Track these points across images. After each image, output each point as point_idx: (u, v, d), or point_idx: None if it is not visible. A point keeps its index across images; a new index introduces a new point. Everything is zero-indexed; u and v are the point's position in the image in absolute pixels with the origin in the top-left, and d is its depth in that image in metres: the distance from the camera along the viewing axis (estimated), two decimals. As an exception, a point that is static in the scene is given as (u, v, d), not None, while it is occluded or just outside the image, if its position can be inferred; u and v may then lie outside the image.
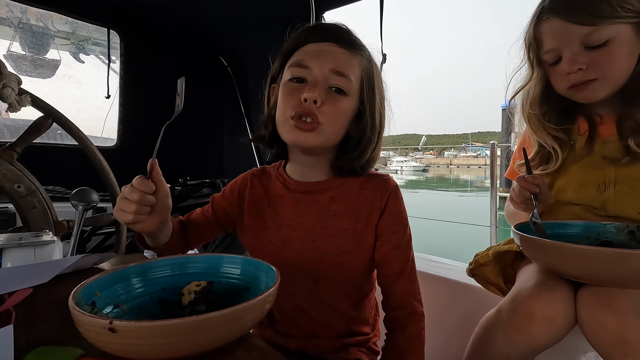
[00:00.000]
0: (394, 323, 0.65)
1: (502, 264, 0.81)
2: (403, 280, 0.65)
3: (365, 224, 0.65)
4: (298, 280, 0.66)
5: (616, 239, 0.67)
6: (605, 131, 0.74)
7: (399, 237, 0.66)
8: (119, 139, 1.99)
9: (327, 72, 0.61)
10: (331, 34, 0.63)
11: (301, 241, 0.66)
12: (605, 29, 0.64)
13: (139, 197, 0.52)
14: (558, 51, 0.69)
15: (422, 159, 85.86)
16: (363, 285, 0.69)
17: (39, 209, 0.88)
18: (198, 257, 0.52)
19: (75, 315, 0.34)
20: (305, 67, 0.62)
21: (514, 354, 0.61)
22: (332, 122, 0.61)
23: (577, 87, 0.70)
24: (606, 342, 0.52)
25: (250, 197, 0.72)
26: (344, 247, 0.64)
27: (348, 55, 0.63)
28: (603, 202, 0.72)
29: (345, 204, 0.66)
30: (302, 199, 0.68)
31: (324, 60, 0.61)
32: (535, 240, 0.59)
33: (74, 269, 0.59)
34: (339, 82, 0.61)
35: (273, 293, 0.40)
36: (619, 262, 0.50)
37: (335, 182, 0.68)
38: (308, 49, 0.63)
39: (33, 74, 2.10)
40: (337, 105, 0.61)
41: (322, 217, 0.66)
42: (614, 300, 0.53)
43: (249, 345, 0.38)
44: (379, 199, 0.65)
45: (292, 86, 0.62)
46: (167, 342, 0.32)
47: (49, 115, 0.92)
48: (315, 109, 0.60)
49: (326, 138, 0.62)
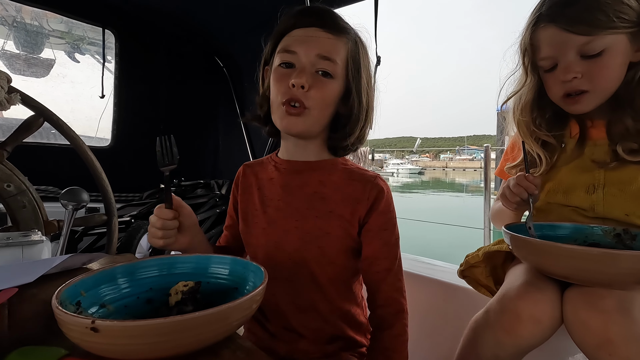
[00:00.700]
0: (380, 321, 0.65)
1: (493, 265, 0.81)
2: (391, 278, 0.66)
3: (351, 211, 0.66)
4: (281, 262, 0.67)
5: (603, 241, 0.68)
6: (596, 135, 0.75)
7: (388, 234, 0.66)
8: (113, 139, 1.98)
9: (313, 57, 0.63)
10: (317, 19, 0.65)
11: (286, 221, 0.67)
12: (601, 39, 0.64)
13: (161, 224, 0.60)
14: (554, 59, 0.70)
15: (418, 161, 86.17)
16: (346, 272, 0.69)
17: (28, 209, 0.88)
18: (187, 257, 0.51)
19: (57, 314, 0.33)
20: (293, 52, 0.64)
21: (502, 354, 0.62)
22: (318, 105, 0.64)
23: (569, 99, 0.71)
24: (591, 342, 0.53)
25: (243, 185, 0.75)
26: (327, 228, 0.65)
27: (333, 39, 0.65)
28: (592, 204, 0.73)
29: (334, 188, 0.67)
30: (291, 180, 0.70)
31: (310, 45, 0.64)
32: (525, 240, 0.60)
33: (62, 268, 0.58)
34: (325, 65, 0.64)
35: (260, 293, 0.39)
36: (605, 262, 0.51)
37: (325, 164, 0.70)
38: (295, 35, 0.65)
39: (27, 72, 2.09)
40: (324, 88, 0.64)
41: (309, 199, 0.67)
42: (599, 300, 0.54)
43: (235, 346, 0.38)
44: (368, 192, 0.66)
45: (282, 72, 0.65)
46: (151, 342, 0.32)
47: (40, 114, 0.91)
48: (302, 94, 0.63)
49: (313, 122, 0.65)
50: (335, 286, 0.68)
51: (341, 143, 0.69)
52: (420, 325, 1.00)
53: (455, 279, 0.91)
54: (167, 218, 0.60)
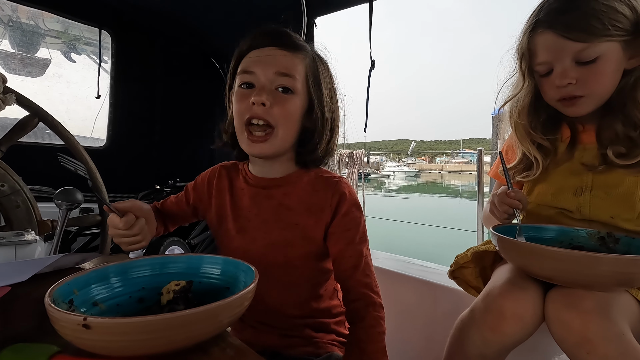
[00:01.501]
0: (353, 315, 0.68)
1: (482, 266, 0.83)
2: (358, 274, 0.68)
3: (315, 220, 0.69)
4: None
5: (587, 244, 0.69)
6: (586, 139, 0.77)
7: (351, 234, 0.69)
8: (109, 139, 1.98)
9: (271, 75, 0.65)
10: (272, 39, 0.67)
11: (254, 231, 0.71)
12: (596, 46, 0.66)
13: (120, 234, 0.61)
14: (550, 64, 0.71)
15: (414, 164, 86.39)
16: (311, 275, 0.73)
17: (22, 209, 0.88)
18: (179, 257, 0.52)
19: (50, 311, 0.34)
20: (251, 72, 0.66)
21: (487, 351, 0.63)
22: (283, 122, 0.65)
23: (566, 101, 0.73)
24: (570, 341, 0.55)
25: (217, 186, 0.77)
26: (291, 238, 0.69)
27: (290, 56, 0.66)
28: (578, 206, 0.75)
29: (298, 200, 0.70)
30: (259, 192, 0.73)
31: (267, 64, 0.65)
32: (511, 241, 0.61)
33: (55, 268, 0.59)
34: (284, 82, 0.65)
35: (250, 291, 0.40)
36: (586, 264, 0.52)
37: (290, 179, 0.72)
38: (252, 55, 0.67)
39: (22, 72, 2.08)
40: (285, 104, 0.65)
41: (275, 210, 0.70)
42: (579, 301, 0.56)
43: (225, 344, 0.39)
44: (330, 199, 0.69)
45: (242, 92, 0.66)
46: (142, 339, 0.33)
47: (35, 114, 0.91)
48: (265, 112, 0.64)
49: (281, 142, 0.67)
50: (303, 287, 0.73)
51: (310, 157, 0.71)
52: (411, 326, 1.01)
53: (446, 280, 0.92)
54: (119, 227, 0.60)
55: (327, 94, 0.71)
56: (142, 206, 0.65)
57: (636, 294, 0.63)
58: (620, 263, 0.52)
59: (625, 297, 0.62)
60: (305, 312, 0.73)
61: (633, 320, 0.59)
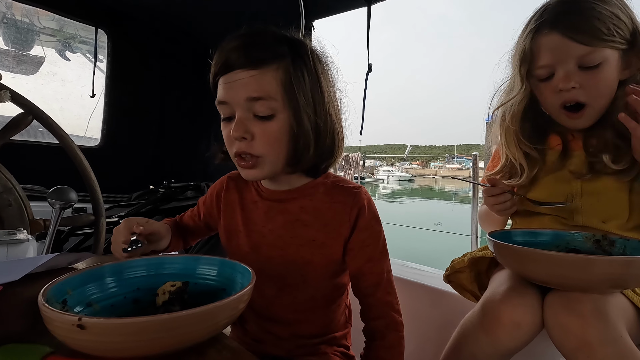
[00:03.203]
0: (373, 333, 0.66)
1: (477, 271, 0.83)
2: (380, 293, 0.65)
3: (334, 236, 0.64)
4: (264, 287, 0.66)
5: (583, 247, 0.70)
6: (574, 147, 0.78)
7: (370, 250, 0.65)
8: (103, 138, 1.96)
9: (243, 102, 0.58)
10: (235, 59, 0.58)
11: (269, 248, 0.66)
12: (600, 51, 0.66)
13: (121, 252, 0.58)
14: (552, 67, 0.70)
15: (409, 169, 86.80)
16: (328, 292, 0.70)
17: (14, 207, 0.87)
18: (175, 257, 0.52)
19: (44, 311, 0.33)
20: (224, 103, 0.60)
21: (482, 357, 0.63)
22: (268, 150, 0.60)
23: (571, 113, 0.72)
24: (569, 345, 0.55)
25: (225, 200, 0.73)
26: (309, 257, 0.65)
27: (258, 75, 0.58)
28: (571, 212, 0.76)
29: (315, 214, 0.65)
30: (273, 206, 0.68)
31: (236, 91, 0.58)
32: (507, 247, 0.61)
33: (48, 268, 0.58)
34: (259, 107, 0.58)
35: (247, 293, 0.40)
36: (583, 267, 0.53)
37: (305, 190, 0.67)
38: (221, 83, 0.60)
39: (16, 70, 2.05)
40: (267, 131, 0.59)
41: (291, 226, 0.66)
42: (578, 304, 0.56)
43: (221, 346, 0.39)
44: (349, 212, 0.64)
45: (224, 125, 0.62)
46: (137, 340, 0.32)
47: (29, 112, 0.90)
48: (247, 145, 0.59)
49: (271, 166, 0.62)
50: (319, 305, 0.69)
51: (315, 166, 0.65)
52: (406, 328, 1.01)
53: (441, 284, 0.92)
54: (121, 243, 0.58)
55: (317, 98, 0.62)
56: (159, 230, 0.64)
57: (632, 297, 0.63)
58: (615, 264, 0.52)
59: (622, 299, 0.62)
60: (317, 330, 0.70)
61: (629, 322, 0.60)
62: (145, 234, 0.61)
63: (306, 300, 0.67)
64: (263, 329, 0.70)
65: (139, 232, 0.59)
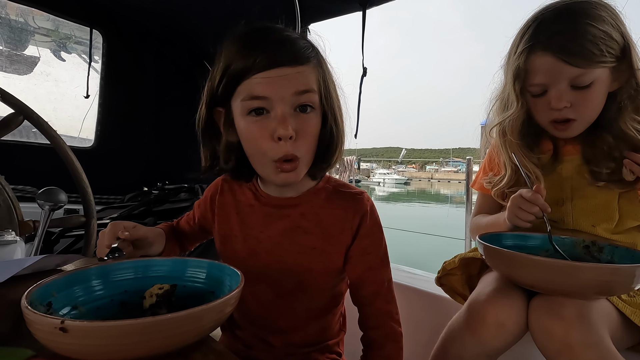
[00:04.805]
0: (370, 342, 0.64)
1: (468, 274, 0.83)
2: (379, 302, 0.63)
3: (334, 244, 0.62)
4: (260, 294, 0.65)
5: (572, 252, 0.71)
6: (566, 152, 0.79)
7: (371, 259, 0.64)
8: (97, 140, 1.95)
9: (289, 96, 0.55)
10: (282, 56, 0.55)
11: (267, 255, 0.64)
12: (592, 72, 0.67)
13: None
14: (545, 86, 0.72)
15: (405, 171, 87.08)
16: (325, 301, 0.68)
17: (3, 208, 0.86)
18: (163, 260, 0.51)
19: (26, 314, 0.33)
20: (263, 98, 0.55)
21: (467, 356, 0.64)
22: (307, 148, 0.58)
23: (559, 125, 0.73)
24: (552, 348, 0.56)
25: (219, 203, 0.70)
26: (309, 265, 0.63)
27: (303, 70, 0.56)
28: (562, 216, 0.77)
29: (316, 221, 0.63)
30: (272, 212, 0.65)
31: (282, 86, 0.55)
32: (496, 250, 0.62)
33: (35, 269, 0.57)
34: (305, 99, 0.56)
35: (235, 296, 0.40)
36: (570, 273, 0.53)
37: (307, 197, 0.65)
38: (259, 78, 0.54)
39: (9, 69, 2.04)
40: (308, 128, 0.57)
41: (291, 233, 0.63)
42: (561, 308, 0.57)
43: (207, 349, 0.38)
44: (351, 220, 0.62)
45: (257, 123, 0.56)
46: (121, 343, 0.32)
47: (19, 112, 0.90)
48: (292, 146, 0.56)
49: (305, 168, 0.60)
50: (315, 314, 0.67)
51: (323, 169, 0.64)
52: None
53: (433, 287, 0.92)
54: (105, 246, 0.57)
55: (334, 98, 0.62)
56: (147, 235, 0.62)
57: (616, 303, 0.64)
58: (601, 272, 0.53)
59: (605, 304, 0.63)
60: (311, 339, 0.68)
61: (612, 327, 0.61)
62: (131, 239, 0.59)
63: (303, 309, 0.65)
64: (255, 335, 0.68)
65: (124, 238, 0.57)
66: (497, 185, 0.84)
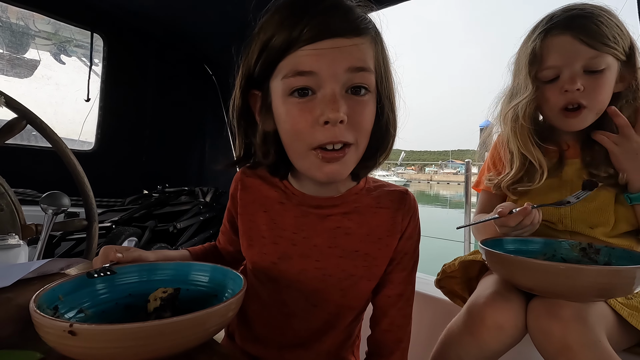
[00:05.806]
0: (379, 346, 0.60)
1: (468, 277, 0.84)
2: (402, 303, 0.60)
3: (380, 247, 0.57)
4: (293, 302, 0.58)
5: (570, 255, 0.71)
6: (569, 155, 0.81)
7: (407, 258, 0.60)
8: (97, 143, 1.96)
9: (342, 72, 0.46)
10: (337, 25, 0.46)
11: (302, 258, 0.56)
12: (605, 57, 0.70)
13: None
14: (559, 69, 0.73)
15: (404, 174, 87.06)
16: (360, 309, 0.63)
17: (6, 212, 0.86)
18: (167, 264, 0.52)
19: (35, 318, 0.34)
20: (310, 73, 0.46)
21: (466, 358, 0.64)
22: (362, 137, 0.50)
23: (569, 112, 0.74)
24: (551, 349, 0.56)
25: (242, 201, 0.61)
26: (352, 270, 0.56)
27: (360, 43, 0.47)
28: (560, 217, 0.78)
29: (360, 221, 0.57)
30: (308, 212, 0.57)
31: (334, 59, 0.46)
32: (497, 254, 0.63)
33: (39, 273, 0.58)
34: (360, 79, 0.48)
35: (237, 301, 0.40)
36: (568, 276, 0.54)
37: (350, 196, 0.58)
38: (307, 50, 0.46)
39: (10, 73, 2.05)
40: (363, 112, 0.49)
41: (331, 234, 0.56)
42: (559, 309, 0.58)
43: (212, 352, 0.39)
44: (400, 222, 0.57)
45: (300, 105, 0.48)
46: (129, 346, 0.33)
47: (23, 117, 0.90)
48: (341, 132, 0.47)
49: (356, 160, 0.52)
50: (345, 322, 0.61)
51: (369, 167, 0.57)
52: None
53: (433, 289, 0.93)
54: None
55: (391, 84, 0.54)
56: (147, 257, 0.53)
57: (614, 305, 0.65)
58: (602, 274, 0.53)
59: (602, 306, 0.64)
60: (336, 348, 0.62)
61: (609, 328, 0.61)
62: (125, 261, 0.52)
63: (335, 318, 0.59)
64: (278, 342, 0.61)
65: (116, 260, 0.51)
66: (501, 181, 0.84)
